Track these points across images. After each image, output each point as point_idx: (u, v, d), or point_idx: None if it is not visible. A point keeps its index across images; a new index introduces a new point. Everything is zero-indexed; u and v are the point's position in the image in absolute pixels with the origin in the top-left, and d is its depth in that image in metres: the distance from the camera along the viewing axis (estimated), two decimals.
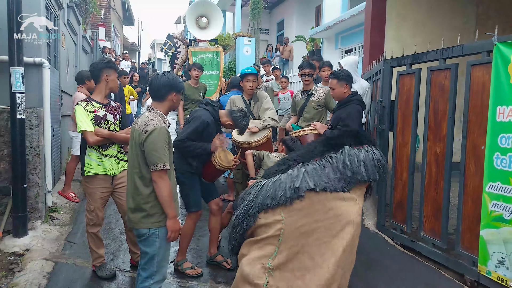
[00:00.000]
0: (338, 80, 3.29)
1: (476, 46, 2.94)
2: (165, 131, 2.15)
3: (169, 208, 2.12)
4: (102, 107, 2.91)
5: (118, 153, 2.97)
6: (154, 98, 2.25)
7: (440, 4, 6.01)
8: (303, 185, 2.04)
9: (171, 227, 2.14)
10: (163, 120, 2.21)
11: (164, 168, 2.09)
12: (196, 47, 7.06)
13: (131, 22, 26.15)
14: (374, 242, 3.77)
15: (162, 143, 2.10)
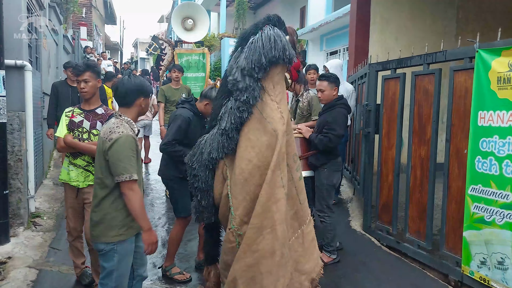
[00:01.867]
0: (329, 82, 3.33)
1: (459, 52, 3.03)
2: (132, 139, 2.03)
3: (142, 221, 2.01)
4: (82, 113, 2.75)
5: (88, 165, 2.74)
6: (121, 104, 2.13)
7: (421, 8, 6.15)
8: (228, 125, 2.08)
9: (147, 240, 2.03)
10: (131, 127, 2.09)
11: (131, 179, 1.97)
12: (181, 49, 7.00)
13: (113, 21, 25.72)
14: (360, 244, 3.83)
15: (128, 152, 1.99)
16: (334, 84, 3.33)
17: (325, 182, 3.32)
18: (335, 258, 3.41)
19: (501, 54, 2.58)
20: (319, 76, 3.48)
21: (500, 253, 2.59)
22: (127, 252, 2.11)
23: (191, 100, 3.10)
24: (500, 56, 2.58)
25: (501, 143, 2.57)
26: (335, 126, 3.22)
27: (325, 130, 3.26)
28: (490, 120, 2.65)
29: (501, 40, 2.63)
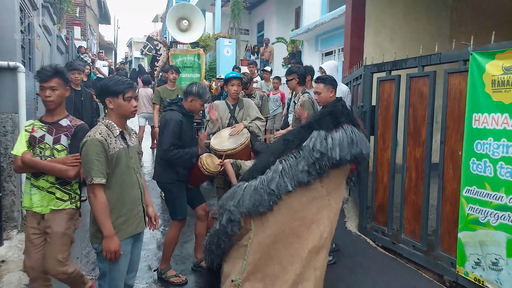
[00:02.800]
0: (325, 84, 3.30)
1: (453, 55, 3.05)
2: (97, 142, 1.98)
3: (102, 226, 1.99)
4: (44, 126, 2.34)
5: (52, 186, 2.32)
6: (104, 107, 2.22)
7: (416, 9, 6.18)
8: (280, 187, 1.99)
9: (106, 246, 2.01)
10: (111, 130, 2.07)
11: (92, 182, 1.96)
12: (177, 50, 6.97)
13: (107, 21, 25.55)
14: (356, 245, 3.85)
15: (92, 156, 1.97)
16: (330, 86, 3.31)
17: None
18: (331, 260, 3.41)
19: (495, 57, 2.60)
20: (316, 78, 3.46)
21: (494, 254, 2.61)
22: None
23: (178, 101, 3.08)
24: (494, 59, 2.61)
25: (496, 145, 2.59)
26: None
27: None
28: (485, 122, 2.67)
29: (495, 44, 2.65)
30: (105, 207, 2.00)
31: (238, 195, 2.09)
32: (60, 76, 2.29)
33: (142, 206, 2.26)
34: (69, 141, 2.35)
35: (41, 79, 2.27)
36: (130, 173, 2.14)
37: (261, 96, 5.09)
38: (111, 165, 2.04)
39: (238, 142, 3.42)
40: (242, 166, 3.25)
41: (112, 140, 2.05)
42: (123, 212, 2.11)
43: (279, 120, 7.46)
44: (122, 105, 2.09)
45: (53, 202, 2.33)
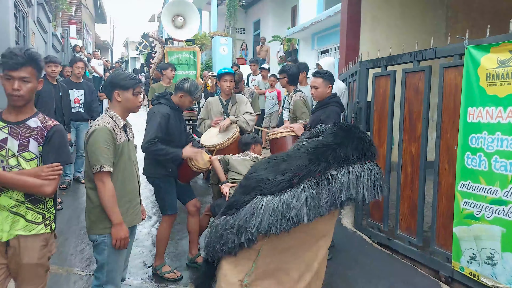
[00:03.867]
0: (324, 79, 3.29)
1: (449, 49, 3.04)
2: (107, 131, 2.03)
3: (111, 214, 2.02)
4: (5, 127, 1.78)
5: (20, 205, 1.78)
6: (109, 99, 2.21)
7: (412, 7, 6.19)
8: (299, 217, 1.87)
9: (115, 234, 2.04)
10: (116, 121, 2.11)
11: (101, 170, 1.98)
12: (172, 47, 6.95)
13: (103, 20, 25.44)
14: (352, 241, 3.84)
15: (101, 144, 2.00)
16: (328, 81, 3.31)
17: None
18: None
19: (490, 51, 2.60)
20: (314, 73, 3.46)
21: (489, 248, 2.61)
22: None
23: (166, 95, 3.06)
24: (489, 53, 2.60)
25: (490, 139, 2.59)
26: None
27: None
28: (479, 116, 2.67)
29: (490, 37, 2.65)
30: (113, 194, 2.04)
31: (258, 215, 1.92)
32: (34, 64, 1.76)
33: (139, 199, 2.30)
34: (41, 148, 1.80)
35: (9, 66, 1.70)
36: (131, 165, 2.20)
37: (251, 93, 5.08)
38: (117, 155, 2.09)
39: (226, 137, 3.42)
40: (230, 161, 3.24)
41: (118, 131, 2.11)
42: (122, 203, 2.12)
43: (276, 118, 7.46)
44: (130, 99, 2.15)
45: (19, 225, 1.79)
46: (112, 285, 2.14)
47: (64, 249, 3.52)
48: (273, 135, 3.55)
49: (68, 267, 3.23)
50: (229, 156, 3.30)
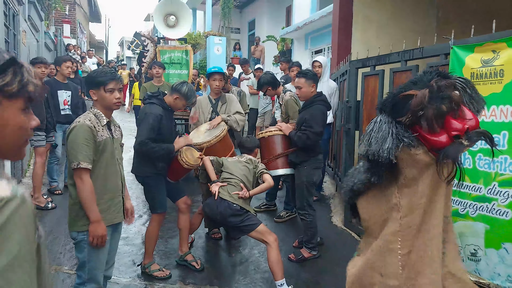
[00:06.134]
0: (306, 79, 3.30)
1: (435, 49, 3.08)
2: (87, 128, 2.03)
3: (89, 211, 2.02)
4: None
5: None
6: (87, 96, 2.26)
7: (403, 7, 6.23)
8: None
9: (93, 231, 2.03)
10: (98, 119, 2.12)
11: (79, 166, 1.98)
12: (164, 46, 6.94)
13: (98, 19, 25.34)
14: (341, 238, 3.87)
15: (80, 140, 2.00)
16: (312, 80, 3.32)
17: (305, 179, 3.32)
18: (315, 254, 3.43)
19: (474, 51, 2.64)
20: (297, 73, 3.47)
21: (473, 244, 2.65)
22: None
23: (159, 95, 3.04)
24: (473, 53, 2.64)
25: None
26: (312, 123, 3.21)
27: (303, 127, 3.26)
28: None
29: (474, 37, 2.68)
30: (92, 191, 2.03)
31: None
32: None
33: (122, 197, 2.28)
34: None
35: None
36: (114, 163, 2.19)
37: (238, 92, 5.10)
38: (98, 152, 2.09)
39: (213, 135, 3.44)
40: (225, 163, 3.23)
41: (100, 128, 2.11)
42: (104, 200, 2.13)
43: (269, 118, 7.48)
44: (104, 96, 2.11)
45: None
46: (94, 283, 2.13)
47: (53, 247, 3.51)
48: (262, 134, 3.57)
49: (56, 265, 3.23)
50: (224, 158, 3.30)
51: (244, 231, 2.93)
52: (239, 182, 3.08)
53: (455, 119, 1.29)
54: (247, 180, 3.13)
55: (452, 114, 1.30)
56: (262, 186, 3.16)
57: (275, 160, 3.46)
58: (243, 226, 2.91)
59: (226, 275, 3.20)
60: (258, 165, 3.27)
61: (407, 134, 1.39)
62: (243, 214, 2.92)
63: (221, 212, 2.91)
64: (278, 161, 3.44)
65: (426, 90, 1.35)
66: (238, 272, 3.26)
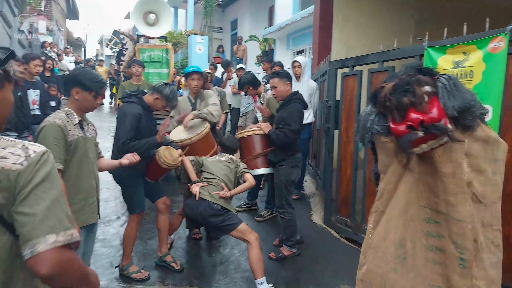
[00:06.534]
0: (280, 78, 3.35)
1: (410, 50, 3.16)
2: (57, 127, 1.98)
3: None
4: None
5: None
6: (65, 93, 2.21)
7: (381, 9, 6.36)
8: None
9: None
10: (70, 117, 2.07)
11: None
12: (144, 44, 6.84)
13: (76, 16, 24.76)
14: (321, 237, 3.92)
15: (50, 140, 1.95)
16: (286, 79, 3.36)
17: (284, 178, 3.35)
18: (295, 252, 3.46)
19: (446, 52, 2.72)
20: (271, 74, 3.52)
21: None
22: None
23: (138, 94, 3.00)
24: (446, 54, 2.72)
25: None
26: (290, 121, 3.24)
27: (281, 126, 3.28)
28: None
29: (447, 39, 2.76)
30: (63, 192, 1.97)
31: None
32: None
33: (96, 197, 2.24)
34: None
35: None
36: (87, 162, 2.15)
37: (219, 92, 5.08)
38: (69, 152, 2.04)
39: (195, 132, 3.42)
40: (205, 163, 3.20)
41: (71, 127, 2.06)
42: (76, 200, 2.08)
43: (251, 117, 7.49)
44: (89, 100, 2.11)
45: None
46: None
47: None
48: (241, 134, 3.58)
49: None
50: (204, 158, 3.28)
51: (225, 231, 2.93)
52: (220, 182, 3.07)
53: (417, 112, 1.33)
54: (228, 180, 3.12)
55: (415, 107, 1.34)
56: (243, 186, 3.15)
57: (254, 160, 3.47)
58: (223, 226, 2.90)
59: (206, 275, 3.19)
60: (239, 164, 3.26)
61: (380, 122, 1.46)
62: (223, 214, 2.92)
63: (201, 212, 2.90)
64: (257, 161, 3.45)
65: (392, 83, 1.42)
66: (218, 272, 3.26)
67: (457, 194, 1.42)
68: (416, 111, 1.34)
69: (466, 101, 1.38)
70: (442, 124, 1.32)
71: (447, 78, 1.40)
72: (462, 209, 1.41)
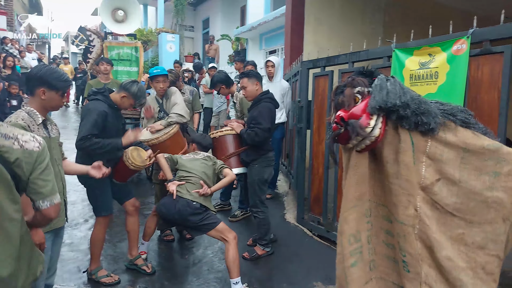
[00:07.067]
0: (249, 78, 3.36)
1: (379, 51, 3.25)
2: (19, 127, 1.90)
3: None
4: None
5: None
6: (27, 92, 2.07)
7: (351, 11, 6.51)
8: None
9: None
10: (33, 117, 1.97)
11: None
12: (112, 42, 6.63)
13: (39, 11, 23.68)
14: (293, 235, 3.95)
15: None
16: (254, 78, 3.37)
17: (256, 178, 3.34)
18: (268, 251, 3.47)
19: (413, 54, 2.81)
20: (240, 74, 3.53)
21: None
22: None
23: (104, 91, 2.89)
24: (413, 55, 2.81)
25: None
26: (261, 120, 3.24)
27: (252, 125, 3.28)
28: None
29: (414, 41, 2.86)
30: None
31: None
32: None
33: (63, 199, 2.15)
34: None
35: None
36: (53, 163, 2.04)
37: (191, 91, 5.02)
38: None
39: (163, 132, 3.39)
40: (180, 161, 3.14)
41: (34, 128, 1.96)
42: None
43: (224, 117, 7.45)
44: (55, 99, 2.04)
45: None
46: None
47: None
48: (213, 134, 3.55)
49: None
50: (178, 156, 3.21)
51: (203, 230, 2.88)
52: (199, 180, 3.00)
53: (344, 110, 1.42)
54: (207, 177, 3.06)
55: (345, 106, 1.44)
56: (224, 181, 3.11)
57: (227, 160, 3.44)
58: (202, 225, 2.84)
59: (178, 277, 3.14)
60: (216, 161, 3.22)
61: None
62: (202, 212, 2.86)
63: (179, 210, 2.82)
64: (230, 161, 3.43)
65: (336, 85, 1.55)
66: (191, 273, 3.21)
67: (399, 196, 1.37)
68: (345, 110, 1.42)
69: (382, 101, 1.33)
70: (354, 121, 1.38)
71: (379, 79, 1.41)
72: (402, 211, 1.37)
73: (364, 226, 1.53)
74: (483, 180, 1.27)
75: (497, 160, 1.26)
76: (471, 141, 1.30)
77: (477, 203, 1.28)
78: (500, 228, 1.27)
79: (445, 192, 1.32)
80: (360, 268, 1.51)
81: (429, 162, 1.34)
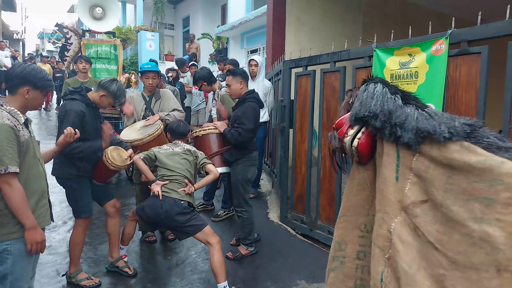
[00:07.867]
0: (234, 76, 3.34)
1: (360, 51, 3.29)
2: (8, 128, 1.85)
3: (23, 218, 1.87)
4: None
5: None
6: (8, 91, 2.01)
7: (332, 12, 6.59)
8: None
9: (31, 238, 1.90)
10: (15, 117, 1.92)
11: (7, 171, 1.80)
12: (90, 39, 6.46)
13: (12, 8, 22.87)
14: (277, 234, 3.96)
15: (3, 142, 1.82)
16: (239, 77, 3.36)
17: (240, 177, 3.33)
18: (252, 250, 3.47)
19: (393, 54, 2.87)
20: (226, 71, 3.51)
21: None
22: (23, 252, 1.91)
23: (81, 90, 2.82)
24: (393, 55, 2.87)
25: None
26: (244, 120, 3.22)
27: (236, 125, 3.27)
28: None
29: (394, 41, 2.92)
30: (23, 196, 1.87)
31: None
32: None
33: (48, 199, 2.11)
34: None
35: None
36: (37, 163, 2.02)
37: (172, 90, 4.97)
38: (21, 154, 1.90)
39: (146, 133, 3.28)
40: (158, 156, 2.97)
41: (20, 127, 1.91)
42: (30, 204, 1.93)
43: (203, 115, 7.39)
44: (38, 98, 2.04)
45: None
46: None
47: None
48: (196, 133, 3.51)
49: None
50: (155, 149, 3.02)
51: (190, 233, 2.81)
52: (183, 178, 2.91)
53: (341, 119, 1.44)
54: (190, 175, 2.97)
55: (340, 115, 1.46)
56: (208, 178, 3.01)
57: (211, 159, 3.41)
58: (189, 227, 2.78)
59: (161, 279, 3.09)
60: (198, 155, 3.07)
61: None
62: (190, 212, 2.81)
63: (166, 210, 2.74)
64: (214, 160, 3.40)
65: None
66: (174, 274, 3.17)
67: (377, 212, 1.21)
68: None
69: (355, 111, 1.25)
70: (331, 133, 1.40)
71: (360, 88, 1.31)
72: (376, 229, 1.21)
73: (354, 239, 1.40)
74: (470, 207, 0.92)
75: (491, 183, 0.89)
76: (454, 156, 0.98)
77: (462, 237, 0.93)
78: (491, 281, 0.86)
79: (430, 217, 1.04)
80: (337, 276, 1.44)
81: (415, 179, 1.12)
